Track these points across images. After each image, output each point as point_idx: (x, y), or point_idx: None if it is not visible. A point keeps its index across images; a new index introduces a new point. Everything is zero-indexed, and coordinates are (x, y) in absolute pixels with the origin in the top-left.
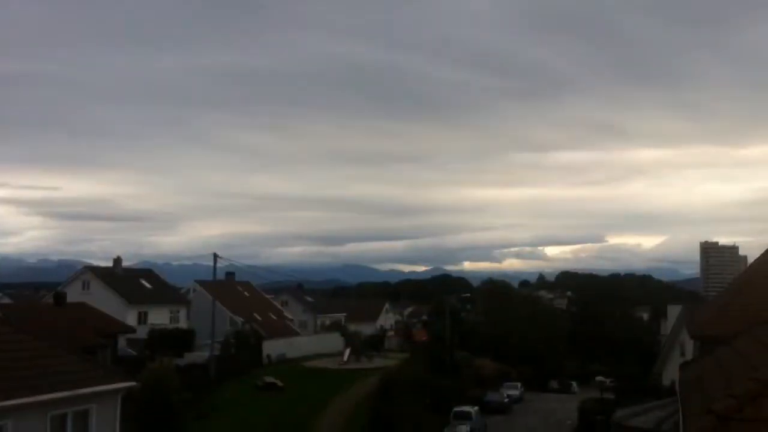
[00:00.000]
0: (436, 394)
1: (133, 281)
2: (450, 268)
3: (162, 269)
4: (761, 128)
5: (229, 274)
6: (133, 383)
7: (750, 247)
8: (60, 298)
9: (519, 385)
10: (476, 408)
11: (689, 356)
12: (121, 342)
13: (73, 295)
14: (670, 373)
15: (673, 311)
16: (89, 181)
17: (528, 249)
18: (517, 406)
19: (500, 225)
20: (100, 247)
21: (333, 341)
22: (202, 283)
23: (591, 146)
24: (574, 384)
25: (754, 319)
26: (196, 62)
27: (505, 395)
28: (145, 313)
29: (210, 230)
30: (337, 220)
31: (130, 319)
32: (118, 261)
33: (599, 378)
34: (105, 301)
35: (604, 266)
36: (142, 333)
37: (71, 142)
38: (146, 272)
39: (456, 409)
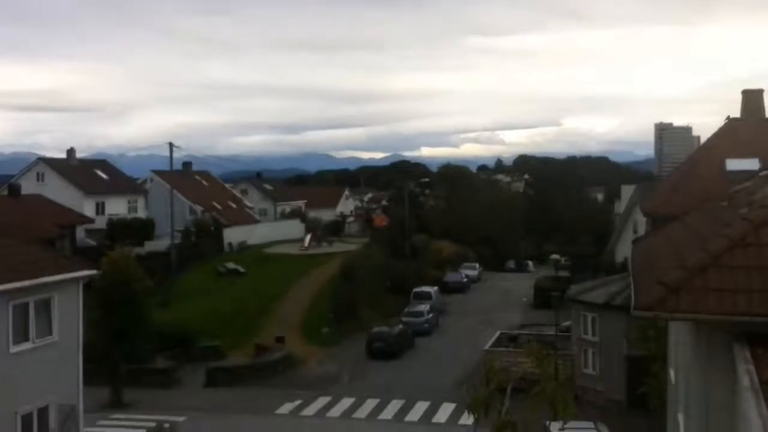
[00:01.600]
0: (396, 277)
1: (88, 172)
2: (408, 154)
3: (117, 160)
4: (716, 7)
5: (187, 164)
6: (94, 271)
7: (703, 128)
8: (14, 189)
9: (477, 265)
10: (436, 288)
11: (642, 234)
12: (80, 233)
13: (28, 187)
14: (623, 251)
15: (627, 191)
16: (37, 72)
17: (486, 134)
18: (475, 286)
19: (458, 110)
20: (53, 138)
21: (293, 228)
22: (159, 173)
23: (546, 29)
24: (531, 264)
25: (704, 197)
26: None
27: (464, 276)
28: (103, 204)
29: (164, 120)
30: (294, 109)
31: (88, 210)
32: (71, 152)
33: (554, 256)
34: (61, 192)
35: (561, 149)
36: (100, 223)
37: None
38: (101, 163)
39: (416, 289)
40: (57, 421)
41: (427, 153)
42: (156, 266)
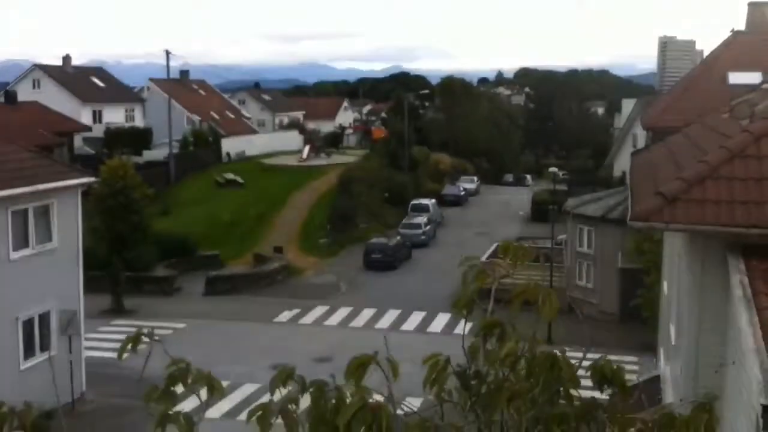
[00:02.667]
0: (395, 189)
1: (85, 79)
2: (408, 66)
3: (113, 68)
4: None
5: (184, 73)
6: (92, 178)
7: (707, 42)
8: (11, 96)
9: (475, 179)
10: (433, 201)
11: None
12: (78, 141)
13: (24, 94)
14: (622, 165)
15: (628, 105)
16: None
17: (487, 46)
18: (473, 199)
19: (459, 23)
20: (47, 45)
21: (292, 139)
22: (156, 81)
23: None
24: (529, 177)
25: (705, 110)
26: None
27: (462, 189)
28: (100, 112)
29: (159, 28)
30: (292, 15)
31: (85, 117)
32: (67, 59)
33: (553, 169)
34: (57, 100)
35: (562, 63)
36: (98, 132)
37: None
38: (98, 70)
39: (414, 202)
40: (58, 326)
41: (427, 65)
42: (154, 176)
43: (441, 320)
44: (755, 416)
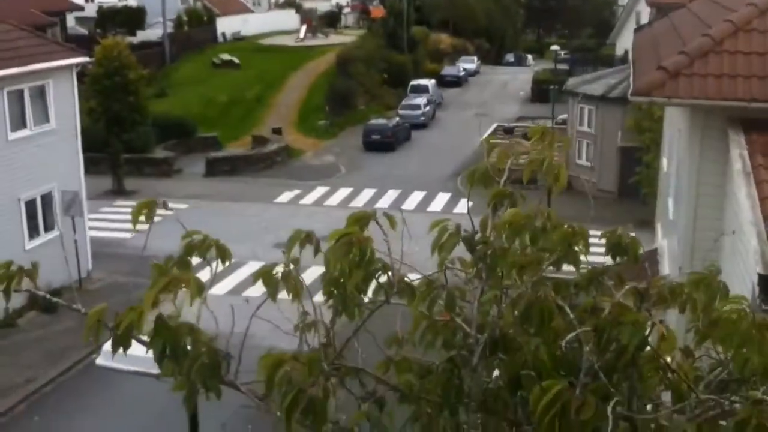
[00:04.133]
0: (394, 70)
1: None
2: None
3: None
4: None
5: None
6: (87, 58)
7: None
8: None
9: (475, 59)
10: (433, 81)
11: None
12: (70, 21)
13: None
14: (624, 43)
15: None
16: None
17: None
18: (473, 79)
19: None
20: None
21: (288, 19)
22: None
23: None
24: (530, 57)
25: None
26: None
27: (462, 69)
28: None
29: None
30: None
31: None
32: None
33: (554, 47)
34: None
35: None
36: (90, 11)
37: None
38: None
39: (413, 82)
40: (61, 206)
41: None
42: (149, 56)
43: (441, 200)
44: (751, 286)
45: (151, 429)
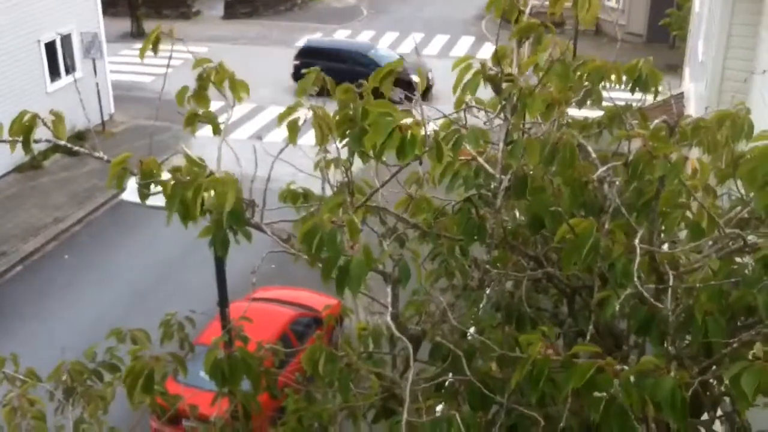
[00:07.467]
0: None
1: None
2: None
3: None
4: None
5: None
6: None
7: None
8: None
9: None
10: None
11: None
12: None
13: None
14: None
15: None
16: None
17: None
18: None
19: None
20: None
21: None
22: None
23: None
24: None
25: None
26: None
27: None
28: None
29: None
30: None
31: None
32: None
33: None
34: None
35: None
36: None
37: None
38: None
39: None
40: (81, 48)
41: None
42: None
43: (464, 43)
44: None
45: (178, 262)
